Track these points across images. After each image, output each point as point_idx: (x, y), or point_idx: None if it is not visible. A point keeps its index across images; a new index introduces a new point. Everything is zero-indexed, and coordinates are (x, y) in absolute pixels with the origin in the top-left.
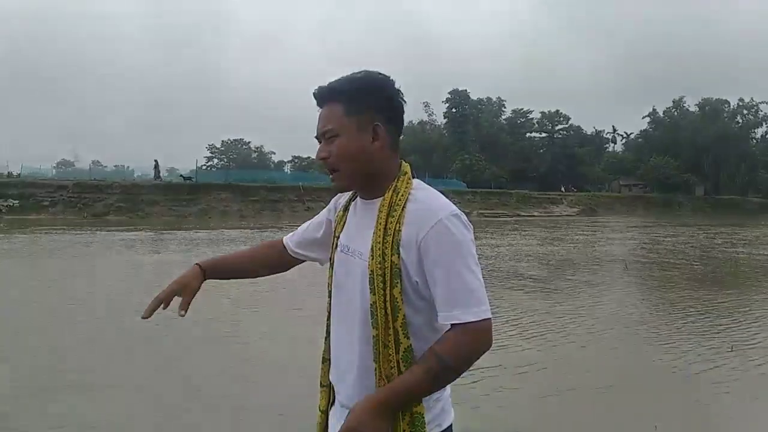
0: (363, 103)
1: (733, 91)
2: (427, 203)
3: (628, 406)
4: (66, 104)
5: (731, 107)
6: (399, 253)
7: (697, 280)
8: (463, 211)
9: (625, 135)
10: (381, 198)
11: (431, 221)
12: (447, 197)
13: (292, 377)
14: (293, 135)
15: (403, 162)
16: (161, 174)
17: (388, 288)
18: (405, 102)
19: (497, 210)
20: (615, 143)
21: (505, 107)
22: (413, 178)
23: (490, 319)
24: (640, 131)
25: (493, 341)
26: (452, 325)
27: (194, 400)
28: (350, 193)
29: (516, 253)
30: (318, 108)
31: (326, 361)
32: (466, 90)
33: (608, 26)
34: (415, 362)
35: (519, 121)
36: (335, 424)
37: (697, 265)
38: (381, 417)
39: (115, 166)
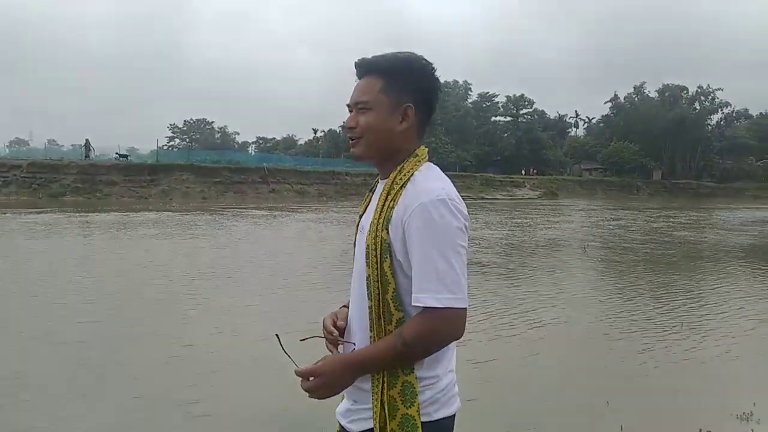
0: (401, 83)
1: (692, 78)
2: (420, 185)
3: (582, 385)
4: (20, 81)
5: (689, 93)
6: (387, 230)
7: (649, 261)
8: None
9: (587, 120)
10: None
11: (415, 203)
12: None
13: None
14: (258, 115)
15: (423, 146)
16: (92, 154)
17: (379, 262)
18: (441, 90)
19: (462, 193)
20: (577, 128)
21: (471, 90)
22: (427, 162)
23: (458, 309)
24: (602, 116)
25: (463, 332)
26: (422, 308)
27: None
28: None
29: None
30: (357, 78)
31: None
32: None
33: (576, 12)
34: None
35: (485, 105)
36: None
37: (649, 247)
38: (346, 373)
39: (72, 145)
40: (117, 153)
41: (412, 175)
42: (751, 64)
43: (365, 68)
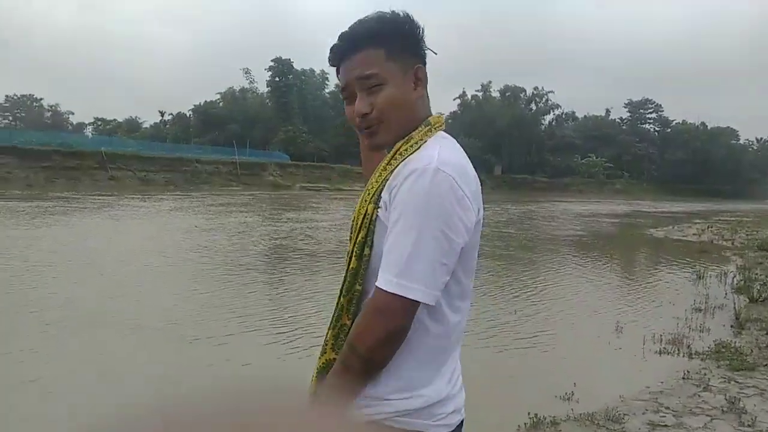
0: (404, 44)
1: (531, 80)
2: (423, 152)
3: None
4: None
5: (527, 95)
6: (376, 203)
7: (491, 256)
8: (287, 185)
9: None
10: None
11: (408, 171)
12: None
13: None
14: (97, 94)
15: (438, 114)
16: None
17: (356, 234)
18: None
19: (319, 184)
20: None
21: (328, 81)
22: (442, 131)
23: (407, 299)
24: (450, 112)
25: (402, 326)
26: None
27: None
28: None
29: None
30: (339, 58)
31: None
32: (290, 59)
33: (435, 12)
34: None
35: (341, 96)
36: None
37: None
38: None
39: None
40: None
41: (421, 144)
42: (580, 71)
43: (357, 40)
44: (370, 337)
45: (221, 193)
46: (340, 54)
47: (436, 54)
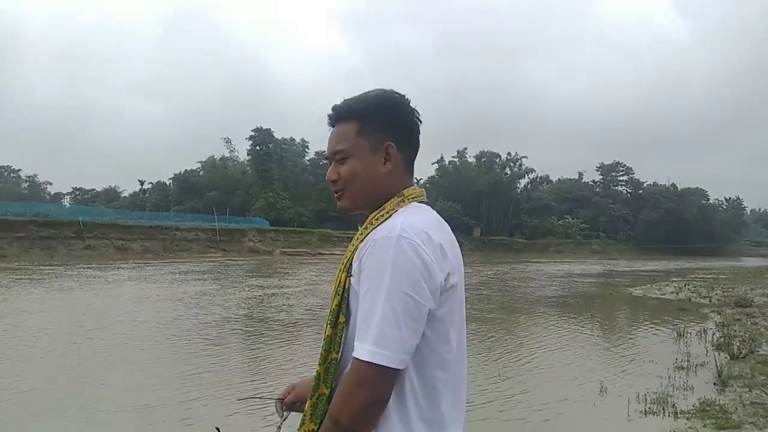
0: (377, 122)
1: (505, 146)
2: (388, 222)
3: None
4: None
5: (502, 159)
6: (348, 271)
7: (477, 319)
8: (267, 250)
9: (416, 180)
10: None
11: (371, 240)
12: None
13: None
14: (76, 164)
15: (415, 187)
16: None
17: (332, 302)
18: (420, 122)
19: (300, 248)
20: None
21: (308, 149)
22: (415, 203)
23: (383, 367)
24: (428, 177)
25: (383, 397)
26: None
27: None
28: None
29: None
30: (329, 128)
31: None
32: (270, 129)
33: (418, 82)
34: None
35: (321, 163)
36: None
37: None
38: None
39: None
40: None
41: (391, 214)
42: (552, 138)
43: (339, 115)
44: (352, 409)
45: (198, 260)
46: (329, 122)
47: (421, 122)
